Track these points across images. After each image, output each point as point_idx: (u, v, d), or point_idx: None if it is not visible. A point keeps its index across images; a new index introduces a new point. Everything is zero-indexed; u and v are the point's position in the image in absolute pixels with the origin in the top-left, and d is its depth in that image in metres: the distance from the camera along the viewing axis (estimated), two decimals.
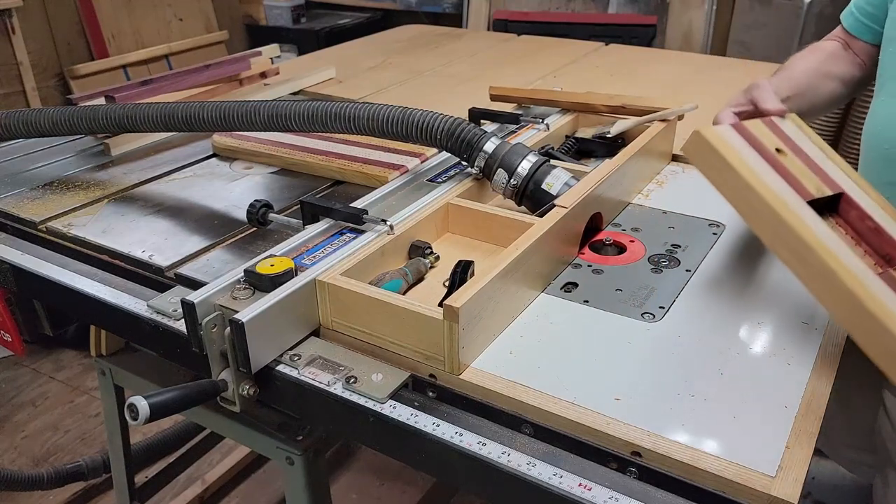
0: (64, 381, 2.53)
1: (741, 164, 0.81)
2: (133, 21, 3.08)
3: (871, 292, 0.70)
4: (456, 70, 1.95)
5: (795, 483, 0.64)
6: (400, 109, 1.07)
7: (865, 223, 0.81)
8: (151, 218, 1.14)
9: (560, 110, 1.37)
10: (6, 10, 2.56)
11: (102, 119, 1.22)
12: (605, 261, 1.01)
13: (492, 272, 0.80)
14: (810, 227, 0.76)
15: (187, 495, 1.93)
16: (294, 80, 1.77)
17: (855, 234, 0.82)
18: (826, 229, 0.77)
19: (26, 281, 1.07)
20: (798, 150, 0.88)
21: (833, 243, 0.75)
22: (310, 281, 0.84)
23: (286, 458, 1.11)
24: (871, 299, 0.69)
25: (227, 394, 0.82)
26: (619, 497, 0.66)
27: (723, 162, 0.81)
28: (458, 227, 1.05)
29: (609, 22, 3.00)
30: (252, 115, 1.12)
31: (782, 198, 0.78)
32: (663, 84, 1.77)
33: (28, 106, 2.70)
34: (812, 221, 0.77)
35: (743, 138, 0.85)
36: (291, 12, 3.63)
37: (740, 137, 0.85)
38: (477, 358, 0.80)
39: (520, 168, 1.03)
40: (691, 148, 0.86)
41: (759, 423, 0.71)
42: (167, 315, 0.92)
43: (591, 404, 0.73)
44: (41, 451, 2.23)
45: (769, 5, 2.77)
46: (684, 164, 1.32)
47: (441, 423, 0.75)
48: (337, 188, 1.24)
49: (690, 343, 0.82)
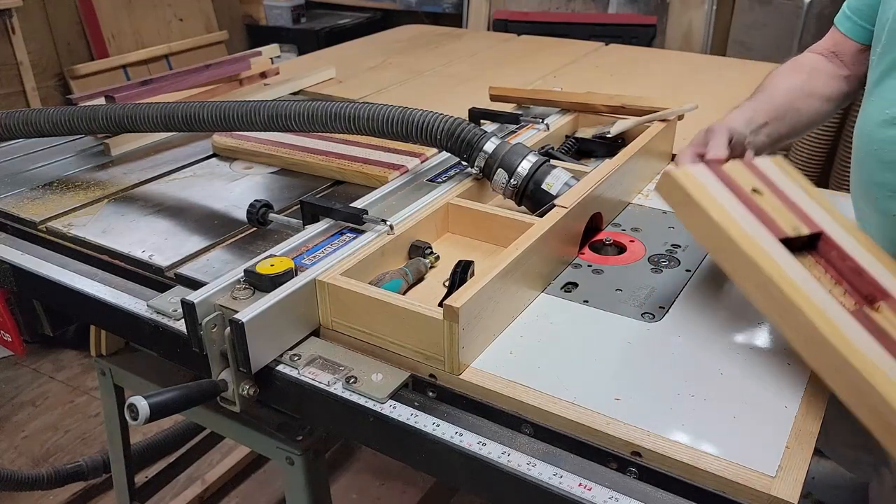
0: (64, 381, 2.52)
1: (709, 202, 0.81)
2: (133, 21, 3.08)
3: (835, 326, 0.69)
4: (456, 70, 1.95)
5: (795, 483, 0.64)
6: (400, 109, 1.07)
7: (846, 263, 0.80)
8: (151, 218, 1.14)
9: (560, 110, 1.37)
10: (6, 10, 2.56)
11: (102, 119, 1.22)
12: (605, 261, 1.01)
13: (492, 272, 0.80)
14: (776, 262, 0.75)
15: (187, 495, 1.93)
16: (294, 80, 1.77)
17: (836, 274, 0.81)
18: (797, 266, 0.76)
19: (26, 281, 1.07)
20: (777, 190, 0.87)
21: (801, 279, 0.74)
22: (310, 281, 0.84)
23: (286, 458, 1.11)
24: (835, 334, 0.68)
25: (227, 394, 0.82)
26: (619, 497, 0.66)
27: (690, 200, 0.81)
28: (458, 227, 1.05)
29: (609, 22, 3.00)
30: (252, 115, 1.12)
31: (750, 234, 0.78)
32: (663, 84, 1.77)
33: (28, 106, 2.70)
34: (780, 257, 0.76)
35: (716, 178, 0.85)
36: (291, 12, 3.63)
37: (713, 177, 0.85)
38: (477, 358, 0.80)
39: (520, 168, 1.03)
40: (662, 188, 0.86)
41: (759, 423, 0.71)
42: (167, 315, 0.92)
43: (591, 404, 0.73)
44: (41, 451, 2.22)
45: (769, 5, 2.76)
46: None
47: (441, 423, 0.75)
48: (337, 188, 1.24)
49: (690, 343, 0.82)
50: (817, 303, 0.72)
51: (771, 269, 0.74)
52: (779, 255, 0.77)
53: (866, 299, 0.77)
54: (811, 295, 0.73)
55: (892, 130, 0.94)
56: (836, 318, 0.71)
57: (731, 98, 1.59)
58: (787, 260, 0.76)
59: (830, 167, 2.39)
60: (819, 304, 0.72)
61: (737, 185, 0.85)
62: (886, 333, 0.71)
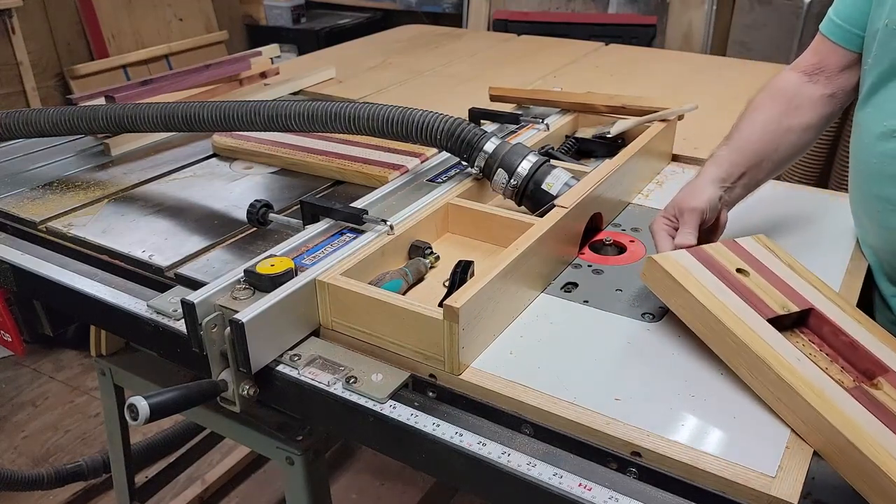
0: (64, 381, 2.53)
1: (695, 286, 0.80)
2: (133, 21, 3.09)
3: (834, 407, 0.68)
4: (456, 70, 1.95)
5: (795, 483, 0.64)
6: (400, 109, 1.07)
7: (840, 338, 0.79)
8: (151, 218, 1.14)
9: (560, 110, 1.37)
10: (6, 10, 2.56)
11: (102, 119, 1.22)
12: (605, 261, 1.01)
13: (492, 272, 0.80)
14: (765, 342, 0.74)
15: (187, 495, 1.93)
16: (294, 80, 1.77)
17: (831, 351, 0.79)
18: (786, 344, 0.75)
19: (26, 281, 1.07)
20: (763, 268, 0.87)
21: (794, 359, 0.72)
22: (310, 281, 0.84)
23: (286, 458, 1.11)
24: (834, 414, 0.67)
25: (227, 394, 0.82)
26: (619, 497, 0.66)
27: (676, 285, 0.81)
28: (458, 227, 1.05)
29: (609, 22, 3.00)
30: (252, 115, 1.12)
31: (738, 315, 0.77)
32: (663, 84, 1.77)
33: (28, 106, 2.70)
34: (770, 336, 0.75)
35: (699, 261, 0.85)
36: (291, 12, 3.63)
37: (696, 260, 0.85)
38: (477, 358, 0.80)
39: (520, 168, 1.03)
40: (647, 274, 0.86)
41: (759, 423, 0.71)
42: (167, 315, 0.92)
43: (591, 404, 0.73)
44: (41, 451, 2.23)
45: (769, 5, 2.77)
46: (684, 164, 1.32)
47: (441, 423, 0.75)
48: (337, 188, 1.24)
49: (690, 343, 0.82)
50: (814, 382, 0.70)
51: (764, 351, 0.73)
52: (768, 335, 0.75)
53: (864, 375, 0.76)
54: (806, 375, 0.71)
55: (892, 143, 0.91)
56: (834, 398, 0.69)
57: (731, 98, 1.59)
58: (777, 340, 0.75)
59: (830, 167, 2.39)
60: (816, 383, 0.70)
61: (721, 266, 0.85)
62: (888, 410, 0.70)
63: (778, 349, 0.73)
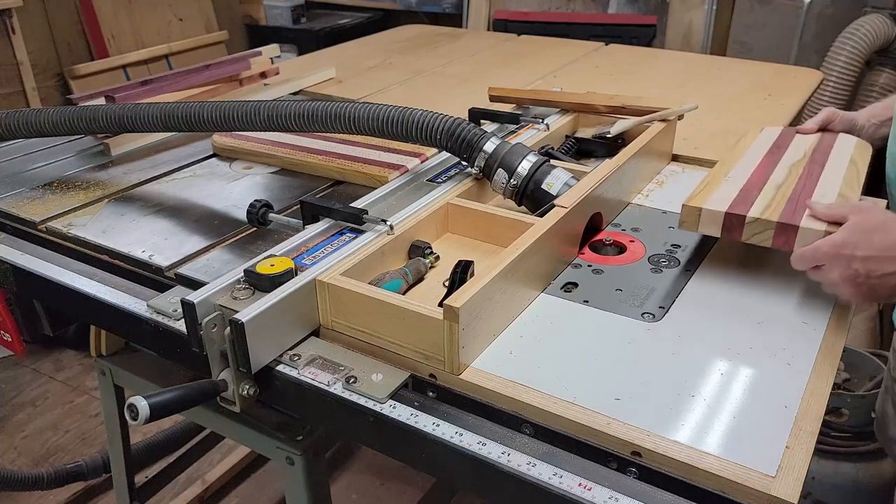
0: (64, 381, 2.53)
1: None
2: (133, 21, 3.08)
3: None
4: (456, 70, 1.95)
5: (795, 483, 0.64)
6: (400, 109, 1.07)
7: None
8: (151, 218, 1.14)
9: (560, 110, 1.37)
10: (6, 10, 2.56)
11: (102, 119, 1.22)
12: (605, 261, 1.01)
13: (492, 272, 0.80)
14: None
15: (187, 495, 1.93)
16: (294, 80, 1.77)
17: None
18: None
19: (26, 281, 1.07)
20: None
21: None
22: (310, 281, 0.84)
23: (286, 458, 1.11)
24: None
25: (227, 394, 0.82)
26: (619, 497, 0.66)
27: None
28: (458, 227, 1.05)
29: (609, 22, 3.00)
30: (252, 115, 1.12)
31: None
32: (663, 84, 1.77)
33: (28, 106, 2.70)
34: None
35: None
36: (291, 12, 3.63)
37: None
38: (477, 358, 0.80)
39: (520, 168, 1.03)
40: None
41: (759, 423, 0.71)
42: (167, 315, 0.92)
43: (591, 404, 0.73)
44: (41, 451, 2.23)
45: (769, 5, 2.77)
46: (684, 164, 1.32)
47: (441, 422, 0.75)
48: (337, 188, 1.24)
49: (690, 343, 0.82)
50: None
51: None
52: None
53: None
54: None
55: None
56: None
57: (731, 98, 1.59)
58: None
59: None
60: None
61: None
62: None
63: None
